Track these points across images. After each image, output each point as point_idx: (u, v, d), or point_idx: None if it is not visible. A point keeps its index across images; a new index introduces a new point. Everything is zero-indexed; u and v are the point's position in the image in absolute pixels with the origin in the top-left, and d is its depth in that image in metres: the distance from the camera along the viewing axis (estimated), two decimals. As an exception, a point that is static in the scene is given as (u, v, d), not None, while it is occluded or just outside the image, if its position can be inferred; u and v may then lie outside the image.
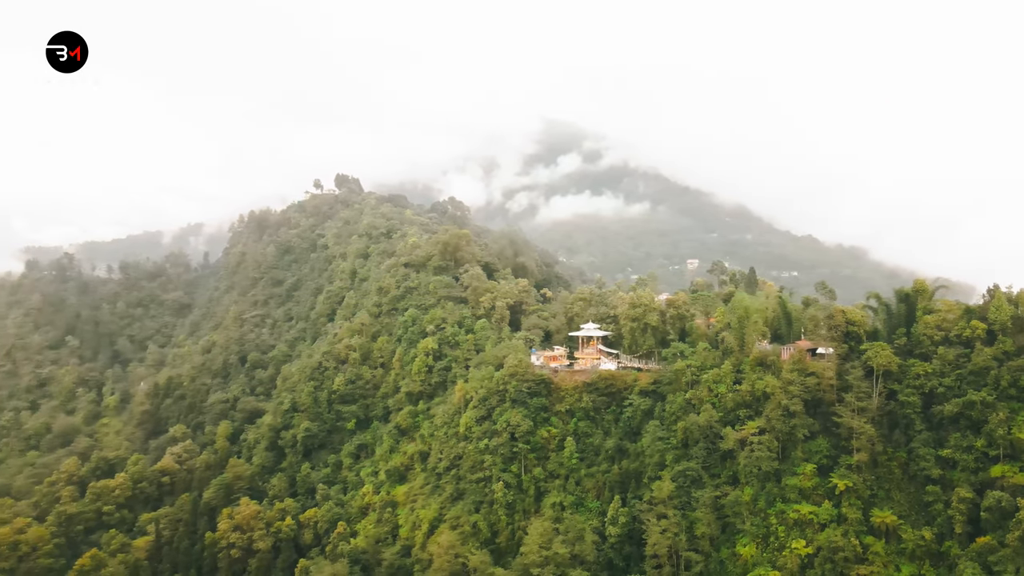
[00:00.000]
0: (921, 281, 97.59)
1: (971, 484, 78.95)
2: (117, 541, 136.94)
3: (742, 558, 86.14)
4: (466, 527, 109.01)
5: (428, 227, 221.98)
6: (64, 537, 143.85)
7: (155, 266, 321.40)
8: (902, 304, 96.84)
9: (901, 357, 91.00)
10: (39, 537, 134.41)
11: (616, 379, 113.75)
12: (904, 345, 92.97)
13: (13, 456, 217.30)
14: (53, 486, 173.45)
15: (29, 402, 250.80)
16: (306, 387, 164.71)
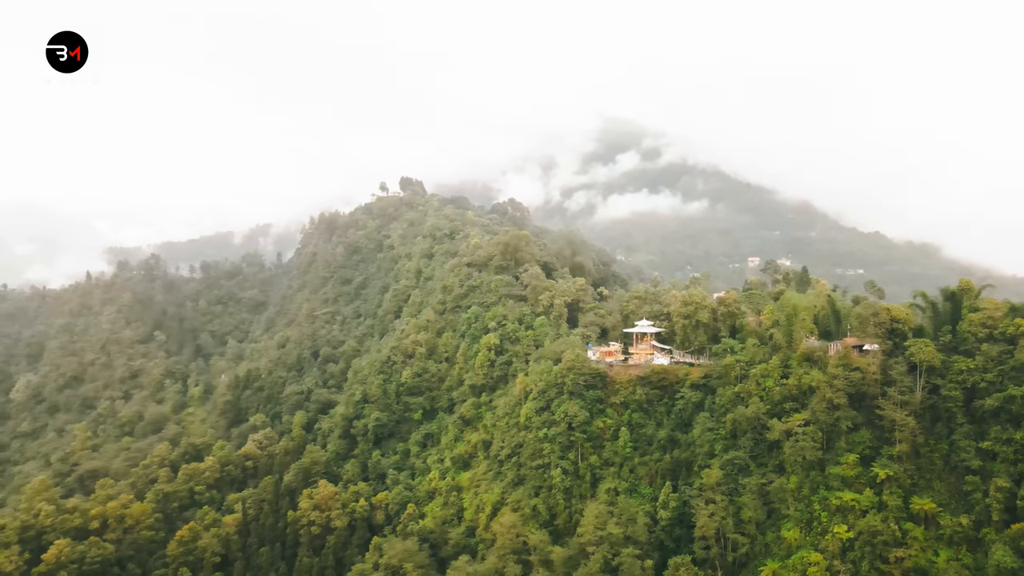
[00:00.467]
0: (967, 280, 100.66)
1: (1009, 475, 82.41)
2: (209, 517, 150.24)
3: (786, 541, 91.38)
4: (526, 510, 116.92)
5: (489, 228, 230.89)
6: (162, 513, 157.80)
7: (233, 266, 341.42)
8: (948, 302, 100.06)
9: (945, 354, 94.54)
10: (142, 512, 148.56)
11: (668, 373, 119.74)
12: (949, 342, 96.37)
13: (110, 441, 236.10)
14: (148, 468, 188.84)
15: (123, 392, 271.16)
16: (376, 380, 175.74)
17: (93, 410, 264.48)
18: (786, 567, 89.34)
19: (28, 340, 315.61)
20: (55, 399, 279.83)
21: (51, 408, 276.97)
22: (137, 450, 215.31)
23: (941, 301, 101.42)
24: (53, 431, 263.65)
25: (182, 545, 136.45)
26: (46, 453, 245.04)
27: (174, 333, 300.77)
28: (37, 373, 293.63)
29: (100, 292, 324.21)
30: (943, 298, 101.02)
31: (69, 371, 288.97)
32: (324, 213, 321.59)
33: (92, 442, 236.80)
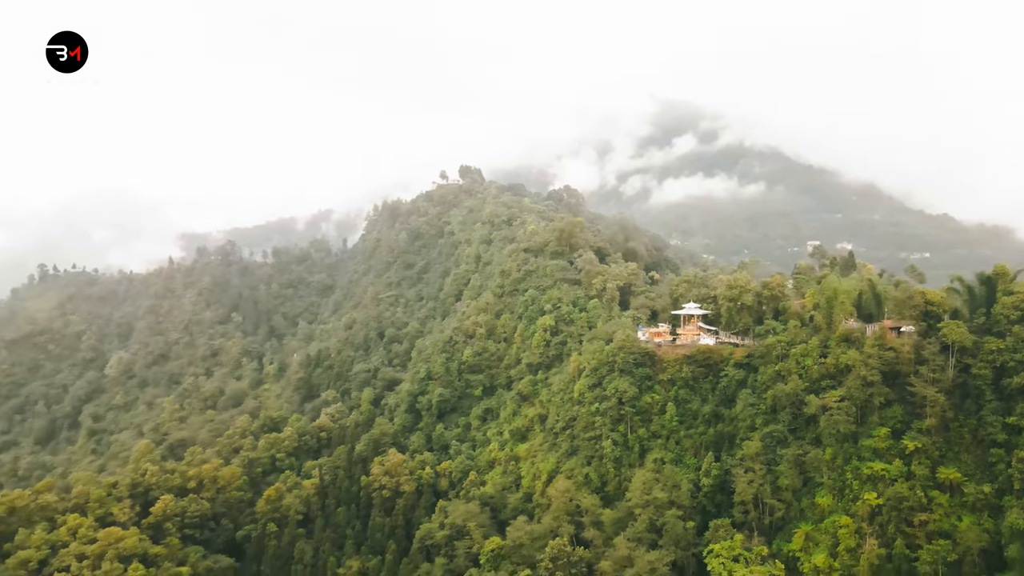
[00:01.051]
0: (1002, 265, 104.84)
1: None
2: (291, 480, 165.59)
3: (819, 507, 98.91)
4: (579, 477, 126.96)
5: (545, 215, 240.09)
6: (247, 476, 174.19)
7: (302, 252, 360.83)
8: (983, 286, 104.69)
9: (978, 335, 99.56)
10: (232, 474, 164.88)
11: (714, 353, 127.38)
12: (983, 324, 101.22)
13: (195, 414, 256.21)
14: (231, 438, 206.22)
15: (204, 369, 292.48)
16: (439, 358, 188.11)
17: (179, 385, 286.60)
18: (818, 530, 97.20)
19: (118, 320, 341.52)
20: (144, 375, 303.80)
21: (141, 383, 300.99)
22: (220, 422, 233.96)
23: (977, 285, 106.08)
24: (143, 404, 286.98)
25: (269, 503, 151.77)
26: (138, 424, 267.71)
27: (249, 315, 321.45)
28: (128, 351, 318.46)
29: (182, 276, 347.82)
30: (979, 282, 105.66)
31: (156, 349, 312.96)
32: (387, 200, 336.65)
33: (179, 414, 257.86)
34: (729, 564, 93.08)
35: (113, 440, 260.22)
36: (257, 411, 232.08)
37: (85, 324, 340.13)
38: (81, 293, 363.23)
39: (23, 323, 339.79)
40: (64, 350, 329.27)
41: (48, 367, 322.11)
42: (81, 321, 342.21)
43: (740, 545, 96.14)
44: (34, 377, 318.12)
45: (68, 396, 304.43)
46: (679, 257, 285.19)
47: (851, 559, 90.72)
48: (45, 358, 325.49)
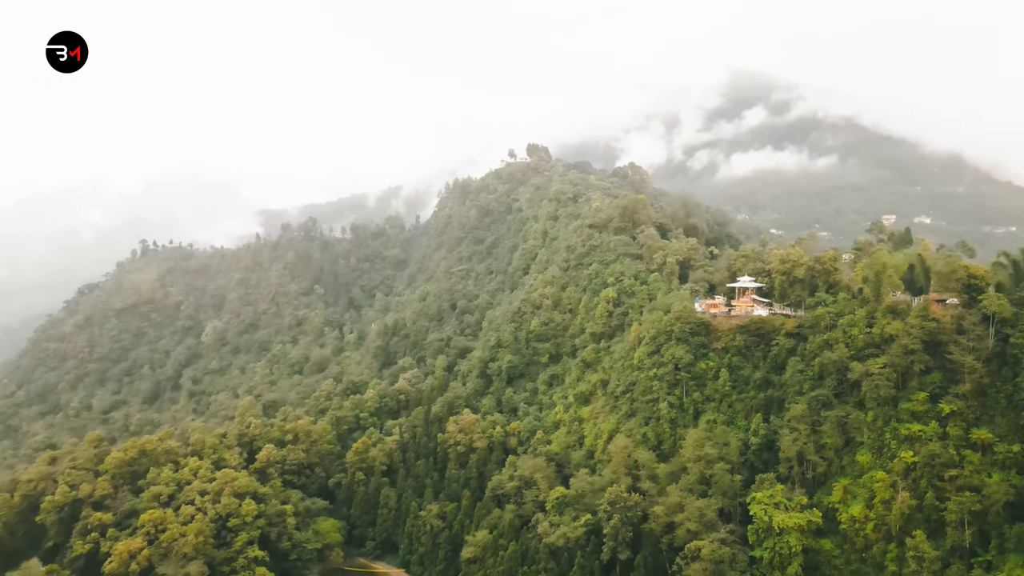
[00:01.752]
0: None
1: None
2: (374, 436, 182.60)
3: (859, 464, 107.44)
4: (637, 436, 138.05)
5: (610, 191, 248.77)
6: (335, 432, 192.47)
7: (378, 228, 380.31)
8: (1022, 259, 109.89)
9: (1019, 307, 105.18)
10: (323, 430, 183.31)
11: (766, 323, 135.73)
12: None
13: (283, 378, 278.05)
14: (317, 400, 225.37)
15: (291, 337, 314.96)
16: (508, 328, 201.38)
17: (267, 352, 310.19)
18: (857, 484, 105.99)
19: (212, 292, 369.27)
20: (236, 342, 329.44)
21: (234, 349, 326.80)
22: (306, 386, 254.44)
23: (1022, 259, 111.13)
24: (236, 369, 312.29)
25: (357, 455, 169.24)
26: (233, 386, 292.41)
27: (330, 287, 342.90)
28: (221, 320, 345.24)
29: (268, 251, 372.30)
30: (1023, 257, 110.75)
31: (246, 319, 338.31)
32: (457, 179, 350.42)
33: (269, 378, 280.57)
34: (770, 510, 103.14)
35: (211, 401, 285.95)
36: (340, 376, 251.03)
37: (183, 295, 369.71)
38: (178, 267, 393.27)
39: (129, 294, 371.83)
40: (165, 319, 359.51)
41: (151, 334, 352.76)
42: (179, 292, 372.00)
43: (781, 494, 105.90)
44: (140, 343, 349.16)
45: (170, 360, 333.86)
46: (745, 232, 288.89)
47: (885, 510, 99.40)
48: (149, 326, 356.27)
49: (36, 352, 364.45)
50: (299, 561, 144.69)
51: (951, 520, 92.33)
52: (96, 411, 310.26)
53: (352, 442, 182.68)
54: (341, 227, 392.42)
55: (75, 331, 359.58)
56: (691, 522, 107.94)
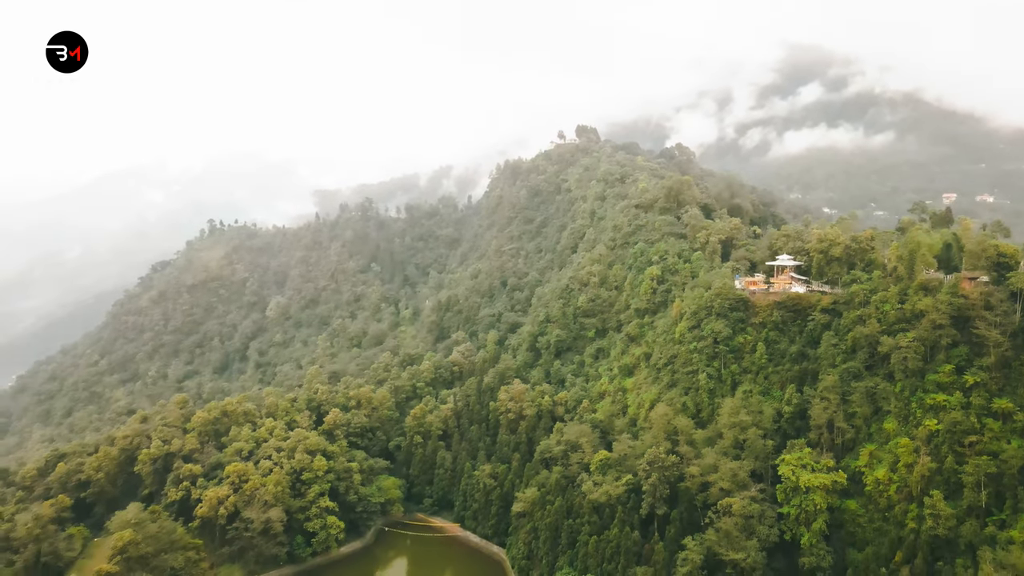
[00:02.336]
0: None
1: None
2: (431, 404, 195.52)
3: (885, 432, 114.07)
4: (677, 405, 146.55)
5: (656, 172, 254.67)
6: (394, 400, 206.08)
7: (431, 208, 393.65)
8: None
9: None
10: (383, 397, 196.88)
11: (802, 299, 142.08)
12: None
13: (343, 351, 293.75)
14: (376, 371, 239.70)
15: (349, 312, 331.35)
16: (556, 304, 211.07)
17: (328, 326, 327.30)
18: (882, 450, 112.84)
19: (275, 269, 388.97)
20: (298, 317, 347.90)
21: (296, 324, 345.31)
22: (365, 358, 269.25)
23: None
24: (299, 342, 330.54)
25: (415, 420, 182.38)
26: (296, 358, 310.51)
27: (386, 265, 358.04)
28: (284, 296, 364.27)
29: (327, 230, 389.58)
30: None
31: (307, 294, 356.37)
32: (508, 160, 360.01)
33: (330, 351, 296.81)
34: (798, 471, 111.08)
35: (277, 371, 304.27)
36: (396, 349, 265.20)
37: (248, 272, 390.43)
38: (243, 245, 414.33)
39: (198, 271, 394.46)
40: (232, 294, 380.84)
41: (220, 309, 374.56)
42: (244, 269, 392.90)
43: (809, 457, 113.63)
44: (209, 317, 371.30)
45: (237, 334, 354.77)
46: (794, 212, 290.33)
47: (907, 473, 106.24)
48: (217, 301, 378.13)
49: (116, 325, 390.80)
50: (364, 513, 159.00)
51: (968, 482, 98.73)
52: (171, 380, 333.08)
53: (409, 409, 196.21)
54: (396, 207, 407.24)
55: (150, 305, 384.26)
56: (724, 481, 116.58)
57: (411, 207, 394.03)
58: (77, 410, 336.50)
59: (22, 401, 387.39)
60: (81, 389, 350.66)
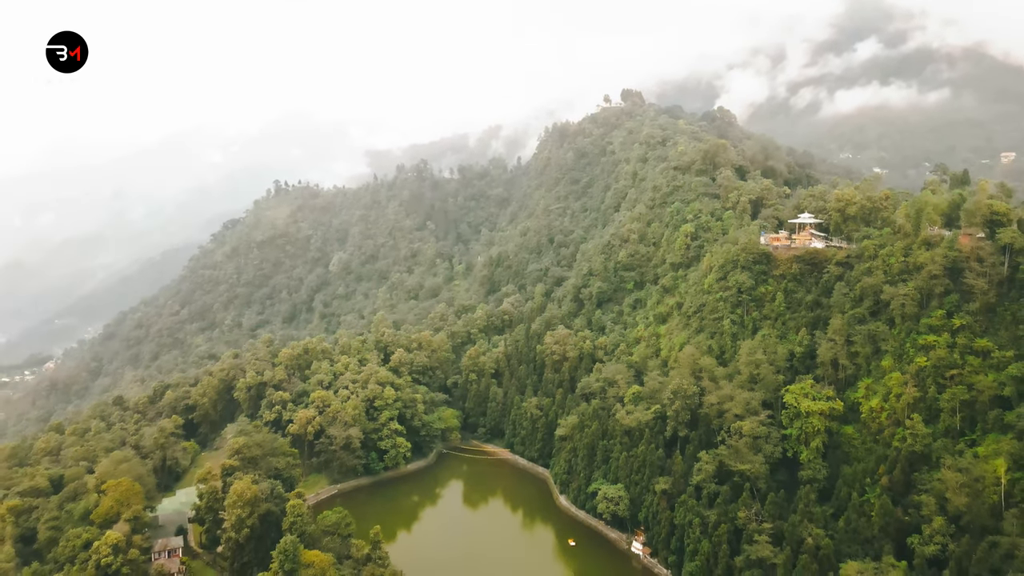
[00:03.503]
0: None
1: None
2: (483, 347, 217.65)
3: (882, 368, 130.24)
4: (703, 347, 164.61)
5: (696, 135, 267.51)
6: (451, 344, 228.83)
7: (482, 169, 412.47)
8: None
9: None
10: (442, 340, 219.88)
11: (820, 254, 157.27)
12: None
13: (401, 303, 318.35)
14: (432, 320, 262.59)
15: (406, 267, 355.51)
16: (599, 258, 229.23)
17: (387, 280, 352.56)
18: (878, 383, 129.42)
19: (337, 227, 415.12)
20: (359, 271, 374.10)
21: (357, 278, 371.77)
22: (422, 309, 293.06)
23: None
24: (360, 294, 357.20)
25: (470, 360, 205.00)
26: (358, 309, 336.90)
27: (440, 223, 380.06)
28: (345, 252, 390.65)
29: (385, 190, 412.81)
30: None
31: (367, 251, 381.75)
32: (556, 123, 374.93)
33: (389, 302, 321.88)
34: (800, 399, 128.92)
35: (340, 321, 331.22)
36: (451, 301, 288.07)
37: (312, 230, 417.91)
38: (307, 204, 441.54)
39: (266, 228, 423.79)
40: (298, 250, 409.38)
41: (287, 263, 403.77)
42: (308, 227, 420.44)
43: (811, 388, 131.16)
44: (278, 271, 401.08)
45: (303, 287, 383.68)
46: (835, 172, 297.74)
47: (896, 402, 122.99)
48: (284, 256, 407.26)
49: (193, 278, 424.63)
50: (427, 437, 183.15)
51: (945, 408, 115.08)
52: (245, 328, 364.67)
53: (465, 352, 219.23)
54: (449, 168, 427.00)
55: (224, 260, 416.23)
56: (737, 408, 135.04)
57: (463, 168, 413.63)
58: (163, 354, 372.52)
59: (111, 347, 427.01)
60: (165, 336, 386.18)
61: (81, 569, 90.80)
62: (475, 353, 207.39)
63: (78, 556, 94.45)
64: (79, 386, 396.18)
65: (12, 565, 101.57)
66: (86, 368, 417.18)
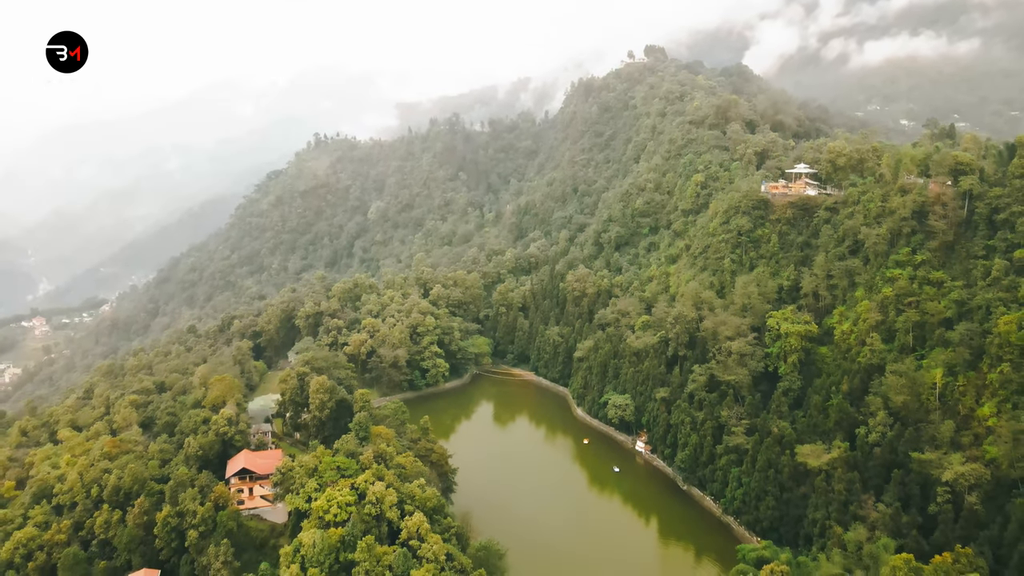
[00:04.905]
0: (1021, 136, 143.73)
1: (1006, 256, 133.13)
2: (512, 285, 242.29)
3: (855, 298, 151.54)
4: (705, 283, 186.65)
5: (713, 90, 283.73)
6: (483, 283, 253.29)
7: (511, 122, 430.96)
8: (1007, 151, 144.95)
9: (990, 186, 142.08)
10: (474, 279, 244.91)
11: (812, 200, 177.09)
12: (999, 179, 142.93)
13: (435, 248, 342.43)
14: (466, 263, 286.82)
15: (440, 215, 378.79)
16: (617, 206, 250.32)
17: (421, 227, 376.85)
18: (850, 310, 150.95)
19: (374, 177, 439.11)
20: (396, 219, 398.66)
21: (394, 225, 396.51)
22: (455, 253, 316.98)
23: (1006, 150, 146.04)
24: (397, 241, 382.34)
25: (500, 295, 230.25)
26: (396, 254, 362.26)
27: (472, 173, 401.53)
28: (382, 201, 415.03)
29: (419, 143, 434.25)
30: (1006, 149, 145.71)
31: (403, 200, 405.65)
32: (582, 78, 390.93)
33: (424, 248, 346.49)
34: (781, 322, 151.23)
35: (379, 265, 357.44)
36: (482, 246, 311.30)
37: (351, 180, 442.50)
38: (346, 156, 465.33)
39: (308, 179, 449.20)
40: (338, 199, 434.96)
41: (328, 212, 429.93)
42: (348, 178, 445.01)
43: (791, 313, 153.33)
44: (319, 219, 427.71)
45: (343, 233, 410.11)
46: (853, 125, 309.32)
47: (863, 325, 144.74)
48: (325, 205, 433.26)
49: (241, 225, 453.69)
50: (463, 360, 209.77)
51: (900, 328, 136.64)
52: (291, 272, 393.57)
53: (495, 289, 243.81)
54: (479, 121, 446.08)
55: (269, 209, 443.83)
56: (729, 331, 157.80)
57: (494, 122, 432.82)
58: (216, 295, 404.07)
59: (166, 289, 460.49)
60: (218, 278, 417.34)
61: (204, 436, 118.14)
62: (504, 290, 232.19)
63: (199, 428, 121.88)
64: (138, 325, 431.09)
65: (143, 438, 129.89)
66: (143, 309, 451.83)
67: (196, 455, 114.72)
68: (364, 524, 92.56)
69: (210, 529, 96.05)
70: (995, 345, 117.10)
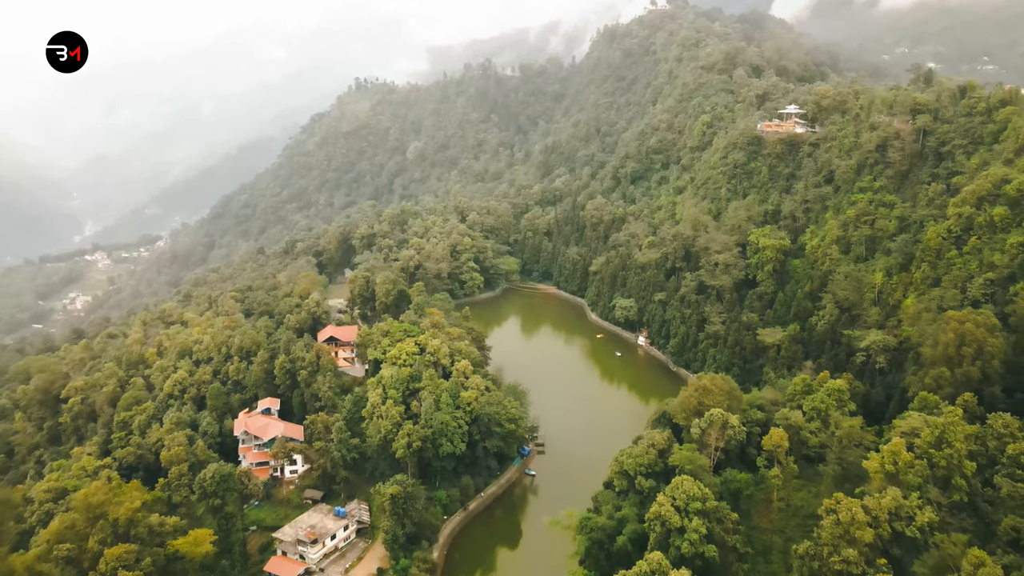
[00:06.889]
0: (972, 81, 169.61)
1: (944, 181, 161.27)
2: (538, 213, 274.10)
3: (826, 220, 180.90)
4: (703, 208, 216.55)
5: (726, 37, 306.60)
6: (513, 211, 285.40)
7: (540, 67, 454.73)
8: (959, 92, 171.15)
9: (941, 123, 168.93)
10: (505, 209, 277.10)
11: (799, 137, 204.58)
12: (950, 116, 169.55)
13: (469, 184, 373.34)
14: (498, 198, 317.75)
15: (474, 155, 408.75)
16: (634, 144, 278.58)
17: (456, 166, 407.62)
18: (820, 229, 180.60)
19: (412, 119, 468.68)
20: (433, 158, 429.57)
21: (431, 164, 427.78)
22: (487, 189, 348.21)
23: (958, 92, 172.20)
24: (434, 178, 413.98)
25: (528, 221, 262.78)
26: (433, 191, 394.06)
27: (503, 115, 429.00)
28: (420, 141, 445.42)
29: (453, 87, 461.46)
30: (959, 90, 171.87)
31: (439, 140, 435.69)
32: (607, 24, 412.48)
33: (458, 184, 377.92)
34: (759, 238, 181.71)
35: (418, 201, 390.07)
36: (512, 182, 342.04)
37: (390, 122, 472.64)
38: (385, 99, 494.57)
39: (350, 121, 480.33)
40: (378, 140, 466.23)
41: (369, 152, 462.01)
42: (387, 120, 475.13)
43: (769, 231, 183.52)
44: (361, 159, 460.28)
45: (384, 172, 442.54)
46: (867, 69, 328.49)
47: (828, 240, 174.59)
48: (367, 145, 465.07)
49: (290, 164, 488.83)
50: (495, 275, 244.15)
51: (855, 241, 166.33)
52: (336, 207, 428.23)
53: (523, 218, 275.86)
54: (510, 66, 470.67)
55: (315, 149, 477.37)
56: (717, 246, 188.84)
57: (524, 66, 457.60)
58: (268, 229, 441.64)
59: (221, 224, 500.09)
60: (270, 214, 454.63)
61: (297, 315, 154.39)
62: (532, 217, 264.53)
63: (293, 310, 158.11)
64: (196, 257, 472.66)
65: (244, 322, 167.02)
66: (199, 243, 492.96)
67: (294, 327, 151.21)
68: (426, 367, 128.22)
69: (315, 369, 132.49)
70: (920, 250, 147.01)
